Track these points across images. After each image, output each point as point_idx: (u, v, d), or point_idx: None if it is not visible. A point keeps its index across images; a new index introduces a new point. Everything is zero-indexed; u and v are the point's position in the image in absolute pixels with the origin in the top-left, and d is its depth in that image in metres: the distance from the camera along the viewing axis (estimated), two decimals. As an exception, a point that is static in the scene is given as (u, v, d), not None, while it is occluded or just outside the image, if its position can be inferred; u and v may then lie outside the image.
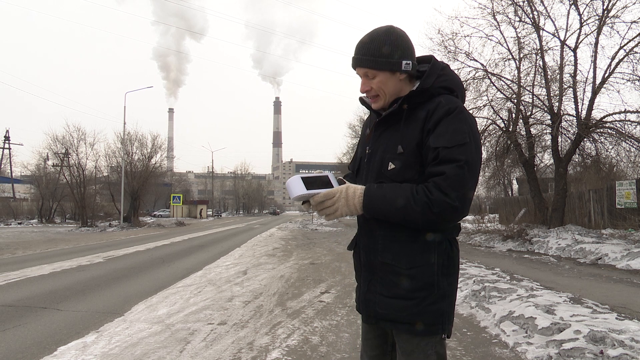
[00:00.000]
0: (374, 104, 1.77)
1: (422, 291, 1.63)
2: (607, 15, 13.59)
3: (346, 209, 1.64)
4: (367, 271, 1.77)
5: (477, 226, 18.64)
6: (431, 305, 1.64)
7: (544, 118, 15.98)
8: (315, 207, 1.67)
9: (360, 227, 1.82)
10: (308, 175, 1.70)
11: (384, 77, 1.69)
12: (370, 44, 1.68)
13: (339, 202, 1.64)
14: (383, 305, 1.70)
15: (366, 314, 1.79)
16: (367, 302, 1.76)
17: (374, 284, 1.73)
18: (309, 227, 29.92)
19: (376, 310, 1.72)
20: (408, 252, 1.65)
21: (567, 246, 11.67)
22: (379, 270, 1.71)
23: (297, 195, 1.65)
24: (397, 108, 1.70)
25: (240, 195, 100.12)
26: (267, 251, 13.82)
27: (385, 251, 1.69)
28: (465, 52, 16.00)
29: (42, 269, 9.76)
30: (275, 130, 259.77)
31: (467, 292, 6.33)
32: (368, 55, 1.68)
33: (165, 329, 4.90)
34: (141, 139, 36.92)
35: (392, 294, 1.67)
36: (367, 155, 1.80)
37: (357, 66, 1.72)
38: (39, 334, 4.81)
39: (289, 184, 1.68)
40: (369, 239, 1.75)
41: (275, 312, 5.68)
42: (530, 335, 4.27)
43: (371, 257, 1.74)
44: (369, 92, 1.75)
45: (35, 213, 42.81)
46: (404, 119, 1.70)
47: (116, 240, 19.64)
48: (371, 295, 1.74)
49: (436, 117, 1.62)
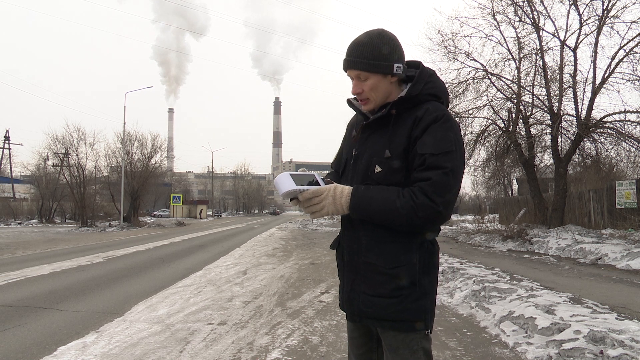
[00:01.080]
0: (365, 107, 1.80)
1: (404, 289, 1.68)
2: (606, 15, 13.60)
3: (332, 208, 1.66)
4: (350, 270, 1.79)
5: (477, 226, 18.65)
6: (414, 302, 1.68)
7: (544, 118, 16.00)
8: (303, 204, 1.69)
9: (343, 227, 1.85)
10: (296, 172, 1.72)
11: (376, 80, 1.71)
12: (362, 46, 1.70)
13: (326, 200, 1.66)
14: (367, 303, 1.73)
15: (350, 312, 1.81)
16: (350, 301, 1.79)
17: (357, 283, 1.76)
18: (309, 227, 29.93)
19: (360, 309, 1.75)
20: (391, 252, 1.69)
21: (567, 246, 11.67)
22: (362, 269, 1.74)
23: (286, 190, 1.66)
24: (386, 113, 1.73)
25: (240, 195, 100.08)
26: (267, 251, 13.82)
27: (369, 251, 1.72)
28: (465, 52, 16.02)
29: (42, 269, 9.76)
30: (275, 130, 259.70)
31: (467, 292, 6.33)
32: (361, 58, 1.69)
33: (165, 329, 4.90)
34: (141, 139, 36.98)
35: (376, 292, 1.70)
36: (354, 157, 1.83)
37: (350, 68, 1.74)
38: (39, 334, 4.81)
39: (277, 181, 1.69)
40: (353, 239, 1.78)
41: (275, 312, 5.68)
42: (530, 336, 4.27)
43: (354, 257, 1.77)
44: (360, 94, 1.76)
45: (35, 213, 42.83)
46: (392, 123, 1.73)
47: (116, 240, 19.64)
48: (355, 294, 1.77)
49: (424, 124, 1.65)
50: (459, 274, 7.52)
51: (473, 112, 16.73)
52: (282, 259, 11.59)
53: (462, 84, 16.23)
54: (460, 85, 16.27)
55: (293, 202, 1.74)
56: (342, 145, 2.04)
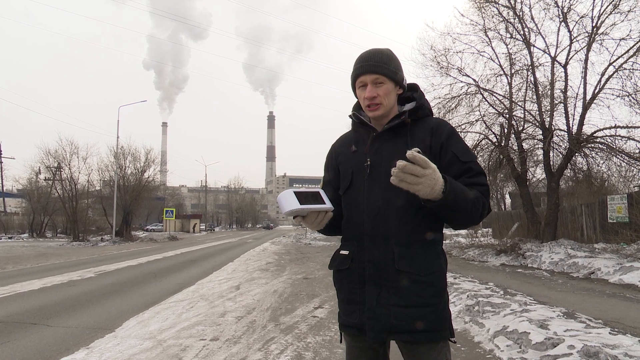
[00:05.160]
0: (375, 112, 1.78)
1: (437, 297, 1.68)
2: (596, 32, 13.81)
3: (429, 189, 1.51)
4: (375, 284, 1.70)
5: (471, 240, 18.69)
6: (443, 310, 1.70)
7: (536, 133, 16.12)
8: (400, 170, 1.49)
9: (363, 238, 1.75)
10: (300, 190, 1.68)
11: (389, 87, 1.78)
12: (381, 54, 1.80)
13: (428, 177, 1.49)
14: (399, 316, 1.65)
15: (376, 330, 1.68)
16: (377, 317, 1.68)
17: (384, 297, 1.68)
18: (303, 241, 29.81)
19: (390, 323, 1.66)
20: (425, 258, 1.69)
21: (560, 260, 11.70)
22: (393, 280, 1.68)
23: (289, 209, 1.63)
24: (400, 122, 1.78)
25: (233, 209, 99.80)
26: (260, 266, 13.74)
27: (402, 259, 1.67)
28: (457, 68, 16.17)
29: (32, 284, 9.64)
30: (269, 144, 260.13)
31: (460, 307, 6.31)
32: (380, 63, 1.77)
33: (157, 345, 4.84)
34: (134, 152, 36.92)
35: (409, 302, 1.65)
36: (369, 167, 1.78)
37: (369, 72, 1.77)
38: (28, 350, 4.74)
39: (280, 198, 1.66)
40: (379, 249, 1.71)
41: (268, 328, 5.64)
42: (525, 350, 4.26)
43: (382, 268, 1.69)
44: (375, 98, 1.76)
45: (26, 227, 42.36)
46: (409, 132, 1.79)
47: (108, 255, 19.46)
48: (382, 308, 1.68)
49: (445, 133, 1.76)
50: (453, 289, 7.51)
51: (466, 127, 16.84)
52: (275, 274, 11.52)
53: (455, 99, 16.37)
54: (453, 101, 16.40)
55: (296, 219, 1.72)
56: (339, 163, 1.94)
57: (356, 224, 1.78)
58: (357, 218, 1.78)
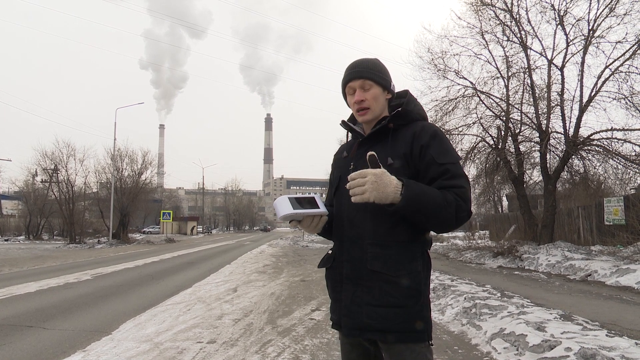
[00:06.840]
0: (364, 117, 1.86)
1: (410, 298, 1.69)
2: (592, 35, 13.87)
3: (376, 194, 1.59)
4: (351, 283, 1.77)
5: (468, 243, 18.69)
6: (419, 312, 1.70)
7: (533, 135, 16.19)
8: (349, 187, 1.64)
9: (343, 238, 1.83)
10: (296, 195, 1.75)
11: (377, 91, 1.84)
12: (368, 61, 1.88)
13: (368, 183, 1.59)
14: (371, 315, 1.70)
15: (350, 327, 1.76)
16: (351, 314, 1.75)
17: (358, 295, 1.74)
18: (300, 243, 29.80)
19: (362, 321, 1.72)
20: (398, 259, 1.70)
21: (557, 263, 11.72)
22: (366, 279, 1.73)
23: (284, 214, 1.69)
24: (384, 126, 1.82)
25: (230, 211, 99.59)
26: (257, 268, 13.73)
27: (375, 259, 1.72)
28: (454, 71, 16.23)
29: (28, 287, 9.60)
30: (266, 146, 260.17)
31: (458, 309, 6.32)
32: (367, 69, 1.84)
33: (154, 348, 4.82)
34: (131, 155, 36.91)
35: (381, 302, 1.69)
36: (352, 171, 1.80)
37: (356, 77, 1.84)
38: (25, 353, 4.72)
39: (276, 204, 1.73)
40: (356, 249, 1.77)
41: (266, 330, 5.63)
42: (522, 353, 4.26)
43: (357, 267, 1.75)
44: (362, 102, 1.83)
45: (22, 229, 42.17)
46: (391, 136, 1.82)
47: (105, 257, 19.40)
48: (356, 306, 1.74)
49: (427, 136, 1.76)
50: (450, 291, 7.51)
51: (463, 129, 16.89)
52: (272, 276, 11.51)
53: (452, 101, 16.42)
54: (450, 103, 16.45)
55: (292, 224, 1.79)
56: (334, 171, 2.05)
57: (338, 225, 1.87)
58: (340, 219, 1.86)
